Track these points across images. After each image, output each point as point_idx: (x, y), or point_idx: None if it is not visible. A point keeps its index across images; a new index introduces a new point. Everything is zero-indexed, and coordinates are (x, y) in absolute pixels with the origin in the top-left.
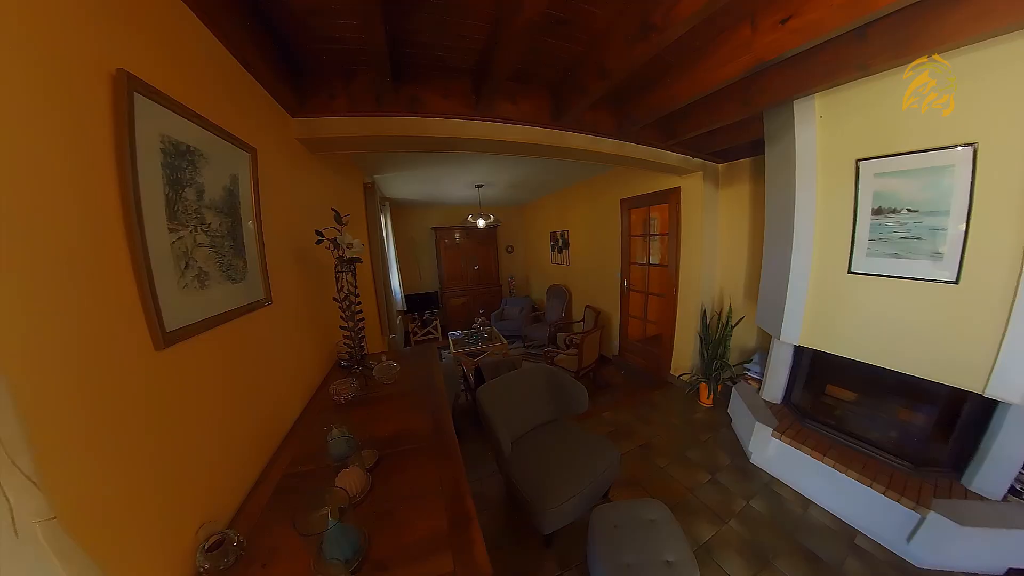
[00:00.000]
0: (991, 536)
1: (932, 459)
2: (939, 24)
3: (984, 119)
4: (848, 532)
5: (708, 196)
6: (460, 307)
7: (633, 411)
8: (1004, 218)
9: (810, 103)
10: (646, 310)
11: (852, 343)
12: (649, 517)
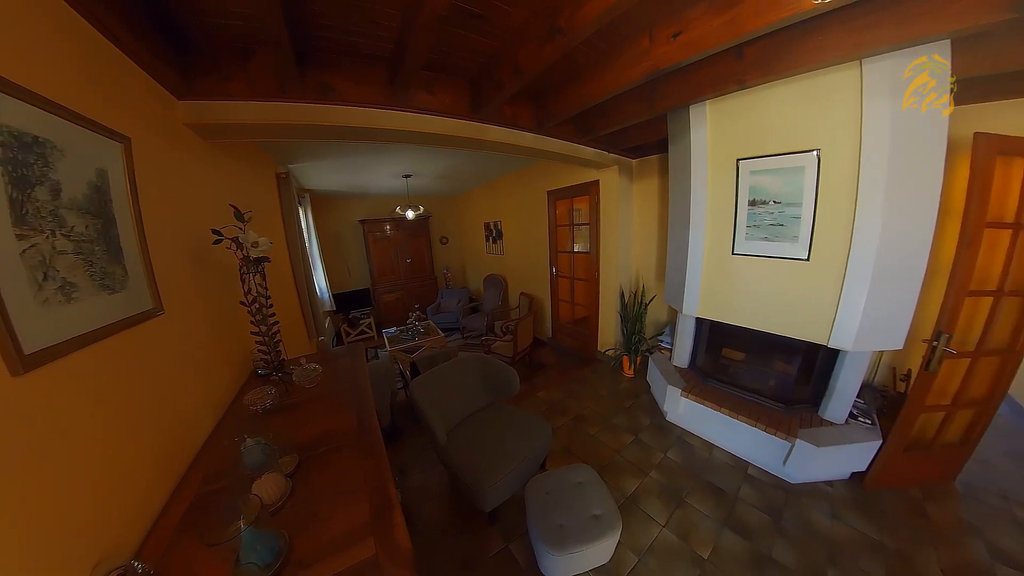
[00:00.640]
0: (838, 451)
1: (798, 399)
2: (793, 52)
3: (824, 130)
4: (742, 465)
5: (623, 189)
6: (394, 303)
7: (566, 388)
8: (837, 209)
9: (703, 108)
10: (573, 294)
11: (738, 312)
12: (577, 480)
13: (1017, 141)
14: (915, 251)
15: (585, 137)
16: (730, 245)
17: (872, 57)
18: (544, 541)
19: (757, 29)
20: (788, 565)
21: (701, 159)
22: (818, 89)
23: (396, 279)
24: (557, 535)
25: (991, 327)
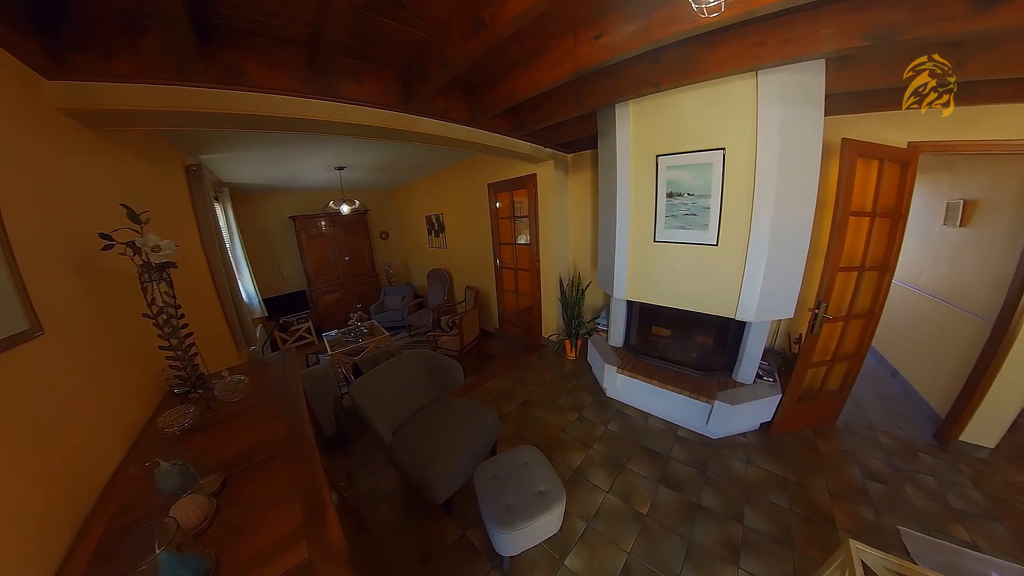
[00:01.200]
0: (749, 407)
1: (715, 366)
2: (701, 61)
3: (728, 131)
4: (673, 428)
5: (559, 182)
6: (334, 304)
7: (513, 375)
8: (739, 201)
9: (627, 108)
10: (517, 284)
11: (661, 293)
12: (523, 461)
13: (873, 146)
14: (799, 235)
15: (520, 131)
16: (651, 233)
17: (765, 70)
18: (494, 521)
19: (666, 37)
20: (714, 508)
21: (625, 154)
22: (724, 95)
23: (334, 279)
24: (506, 514)
25: (857, 296)
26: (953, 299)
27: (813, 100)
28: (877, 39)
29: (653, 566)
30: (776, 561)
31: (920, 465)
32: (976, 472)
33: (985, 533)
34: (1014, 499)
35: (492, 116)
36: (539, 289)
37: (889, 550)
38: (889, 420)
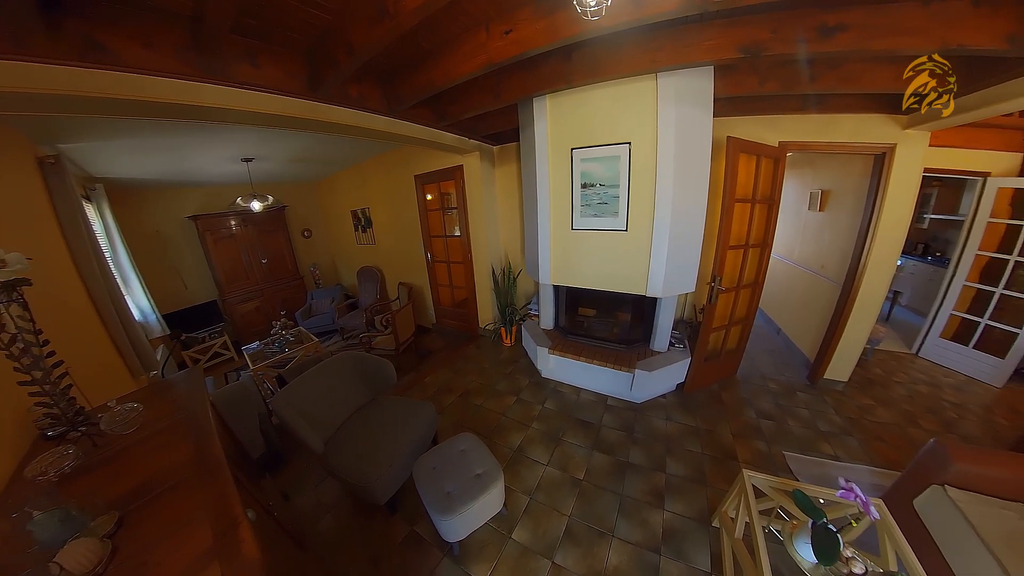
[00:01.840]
0: (665, 371)
1: (634, 339)
2: (609, 60)
3: (633, 127)
4: (603, 399)
5: (486, 173)
6: (253, 313)
7: (452, 367)
8: (644, 190)
9: (544, 102)
10: (451, 277)
11: (582, 277)
12: (460, 448)
13: (752, 144)
14: (695, 220)
15: (443, 122)
16: (570, 222)
17: (663, 73)
18: (435, 509)
19: (571, 36)
20: (641, 464)
21: (543, 147)
22: (629, 93)
23: (251, 285)
24: (445, 501)
25: (744, 269)
26: (816, 268)
27: (704, 102)
28: (748, 53)
29: (591, 523)
30: (694, 498)
31: (798, 402)
32: (836, 401)
33: (844, 446)
34: (862, 418)
35: (411, 106)
36: (473, 281)
37: (778, 472)
38: (775, 369)
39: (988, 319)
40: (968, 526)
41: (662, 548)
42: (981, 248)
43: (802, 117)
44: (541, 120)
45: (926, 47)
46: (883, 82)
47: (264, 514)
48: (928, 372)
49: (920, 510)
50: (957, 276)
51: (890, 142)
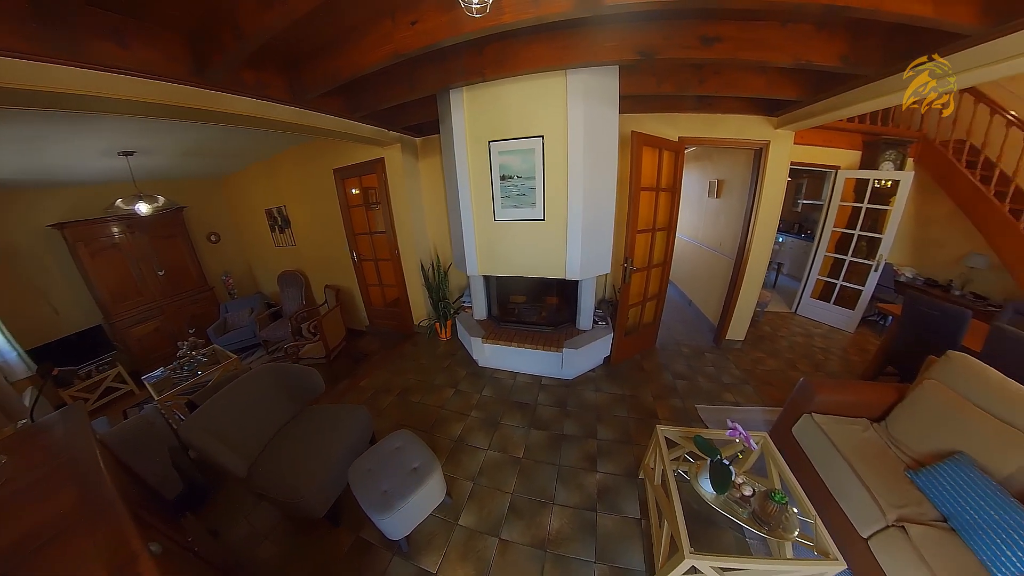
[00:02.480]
0: (591, 347)
1: (561, 320)
2: (519, 55)
3: (545, 121)
4: (537, 380)
5: (409, 166)
6: (153, 335)
7: (389, 368)
8: (558, 181)
9: (460, 94)
10: (380, 276)
11: (507, 266)
12: (395, 446)
13: (654, 138)
14: (606, 208)
15: (357, 113)
16: (492, 213)
17: (572, 70)
18: (374, 510)
19: (475, 31)
20: (575, 434)
21: (461, 139)
22: (541, 88)
23: (147, 302)
24: (383, 501)
25: (653, 250)
26: (716, 247)
27: (610, 99)
28: (644, 55)
29: (533, 496)
30: (622, 457)
31: (706, 361)
32: (736, 357)
33: (742, 394)
34: (755, 368)
35: (319, 95)
36: (403, 278)
37: (692, 423)
38: (688, 336)
39: (842, 280)
40: (829, 442)
41: (597, 506)
42: (835, 226)
43: (697, 116)
44: (458, 112)
45: (784, 60)
46: (757, 88)
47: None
48: (803, 326)
49: (797, 436)
50: (820, 248)
51: (765, 139)
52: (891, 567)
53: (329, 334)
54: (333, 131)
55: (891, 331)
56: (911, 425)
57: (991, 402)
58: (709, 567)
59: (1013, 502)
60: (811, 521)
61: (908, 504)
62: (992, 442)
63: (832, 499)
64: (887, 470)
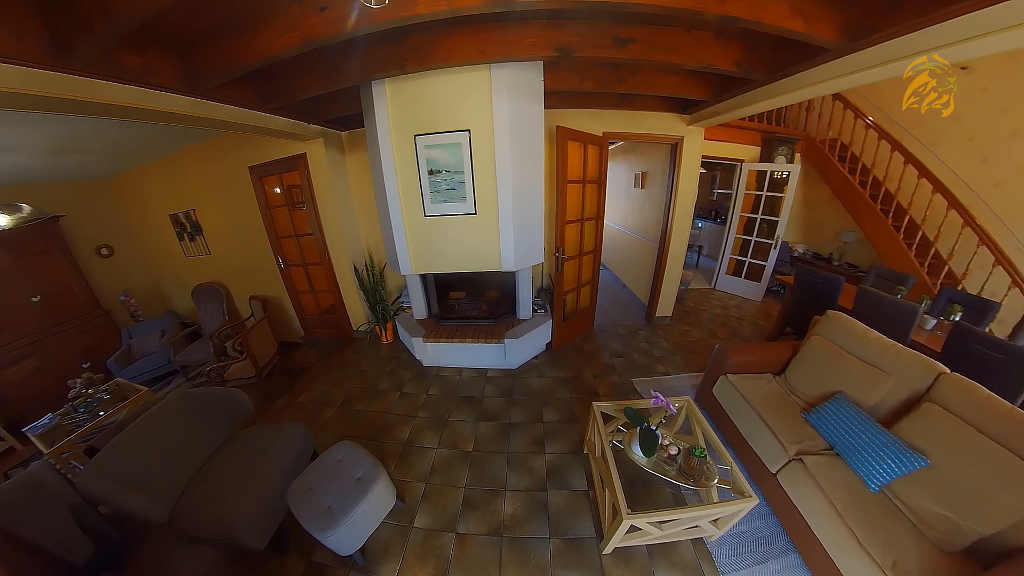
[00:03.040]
0: (533, 335)
1: (502, 311)
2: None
3: (471, 115)
4: (483, 373)
5: (335, 162)
6: (32, 377)
7: (329, 379)
8: (486, 175)
9: (383, 86)
10: (311, 282)
11: (442, 262)
12: (336, 459)
13: (578, 133)
14: (535, 200)
15: (270, 105)
16: (422, 209)
17: (496, 64)
18: (318, 529)
19: (388, 22)
20: (523, 421)
21: (386, 133)
22: (466, 82)
23: (17, 338)
24: (327, 517)
25: (583, 239)
26: (642, 233)
27: (535, 95)
28: (562, 53)
29: (486, 486)
30: (567, 436)
31: (640, 338)
32: (665, 332)
33: (672, 364)
34: (682, 340)
35: (222, 84)
36: (336, 282)
37: (629, 396)
38: (623, 316)
39: (749, 258)
40: (741, 397)
41: (548, 485)
42: (742, 211)
43: (619, 112)
44: (381, 105)
45: (689, 62)
46: (670, 88)
47: None
48: (721, 299)
49: (717, 395)
50: (731, 231)
51: (680, 135)
52: (794, 493)
53: (258, 350)
54: (241, 124)
55: (787, 298)
56: (803, 374)
57: (859, 349)
58: (645, 523)
59: (878, 426)
60: (728, 467)
61: (804, 440)
62: (861, 381)
63: (748, 445)
64: (787, 414)
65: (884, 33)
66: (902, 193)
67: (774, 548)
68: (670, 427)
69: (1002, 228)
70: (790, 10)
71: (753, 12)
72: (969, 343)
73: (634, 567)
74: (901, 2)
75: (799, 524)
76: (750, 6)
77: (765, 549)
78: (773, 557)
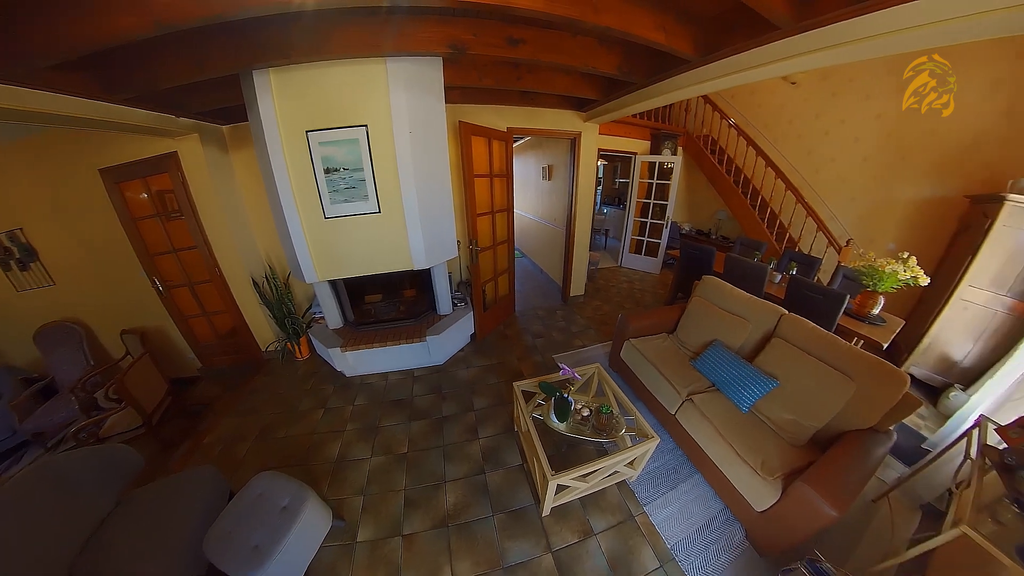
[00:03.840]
0: (455, 329)
1: (422, 310)
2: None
3: (368, 110)
4: (409, 374)
5: (216, 160)
6: None
7: (240, 410)
8: (388, 172)
9: (266, 77)
10: (202, 304)
11: (350, 265)
12: (257, 493)
13: (481, 128)
14: (443, 195)
15: (120, 95)
16: (320, 210)
17: (392, 58)
18: (249, 571)
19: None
20: (454, 413)
21: (273, 129)
22: (360, 76)
23: None
24: (256, 557)
25: (496, 230)
26: (552, 221)
27: (435, 90)
28: (456, 50)
29: (425, 482)
30: (498, 418)
31: (558, 317)
32: (580, 309)
33: (587, 337)
34: (595, 315)
35: (49, 68)
36: (233, 300)
37: (552, 372)
38: (542, 299)
39: (647, 237)
40: (643, 356)
41: (485, 467)
42: (638, 197)
43: (522, 108)
44: (266, 98)
45: (577, 65)
46: (564, 87)
47: None
48: (627, 275)
49: (624, 359)
50: (630, 215)
51: (577, 130)
52: (690, 426)
53: (141, 394)
54: (79, 118)
55: (676, 269)
56: (689, 330)
57: (727, 304)
58: (569, 480)
59: (743, 362)
60: (633, 417)
61: (693, 383)
62: (730, 329)
63: (653, 396)
64: (679, 365)
65: (727, 50)
66: (756, 178)
67: (682, 474)
68: (587, 393)
69: (821, 204)
70: (654, 25)
71: (623, 24)
72: (801, 290)
73: (571, 520)
74: (735, 27)
75: (696, 450)
76: (621, 18)
77: (675, 476)
78: (681, 481)
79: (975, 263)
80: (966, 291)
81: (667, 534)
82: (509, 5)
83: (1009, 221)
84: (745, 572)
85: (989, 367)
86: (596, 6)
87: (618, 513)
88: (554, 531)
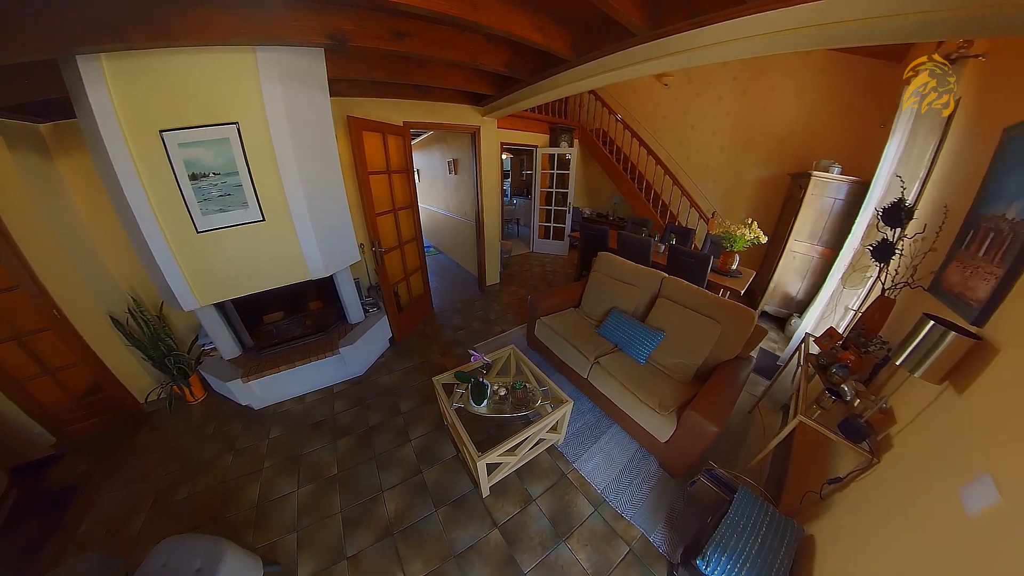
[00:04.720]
0: (370, 336)
1: (331, 321)
2: (176, 22)
3: (237, 105)
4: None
5: (34, 170)
6: None
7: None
8: (268, 174)
9: (96, 64)
10: (40, 360)
11: (237, 284)
12: (159, 565)
13: (373, 123)
14: (335, 195)
15: None
16: (190, 224)
17: (263, 48)
18: None
19: None
20: (381, 421)
21: (113, 128)
22: (226, 66)
23: None
24: None
25: (400, 229)
26: (462, 215)
27: (317, 82)
28: (335, 41)
29: (362, 498)
30: (427, 415)
31: (476, 308)
32: (496, 297)
33: (505, 322)
34: (512, 300)
35: None
36: (87, 347)
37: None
38: (460, 293)
39: (553, 223)
40: (554, 332)
41: (421, 467)
42: (542, 187)
43: (419, 103)
44: (99, 91)
45: (464, 60)
46: (458, 81)
47: None
48: (538, 259)
49: (539, 336)
50: (536, 204)
51: (476, 124)
52: (600, 385)
53: None
54: None
55: (579, 249)
56: (591, 302)
57: (621, 274)
58: (497, 456)
59: (637, 323)
60: (547, 388)
61: (599, 348)
62: (624, 296)
63: (567, 365)
64: (586, 334)
65: (599, 52)
66: (641, 165)
67: (601, 427)
68: (508, 374)
69: (693, 185)
70: (531, 25)
71: (502, 23)
72: (678, 256)
73: (512, 494)
74: (604, 31)
75: (609, 404)
76: (499, 17)
77: (596, 430)
78: (602, 433)
79: (796, 223)
80: (793, 244)
81: (596, 481)
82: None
83: (815, 191)
84: (664, 494)
85: (813, 298)
86: (475, 4)
87: (552, 475)
88: (496, 507)
